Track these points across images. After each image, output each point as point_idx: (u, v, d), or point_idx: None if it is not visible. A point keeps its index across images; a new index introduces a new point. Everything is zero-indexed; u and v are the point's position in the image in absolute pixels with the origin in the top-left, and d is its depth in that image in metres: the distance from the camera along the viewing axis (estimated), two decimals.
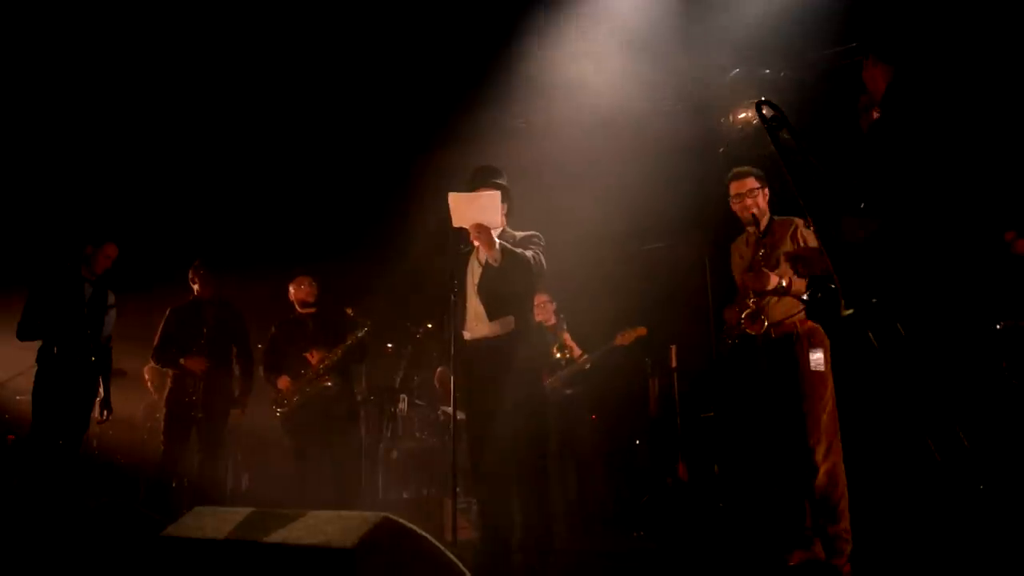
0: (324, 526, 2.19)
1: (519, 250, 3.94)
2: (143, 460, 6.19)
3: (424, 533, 2.28)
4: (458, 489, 5.40)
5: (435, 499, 6.10)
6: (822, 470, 3.91)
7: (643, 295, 7.15)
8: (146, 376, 6.99)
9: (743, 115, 6.64)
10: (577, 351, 6.49)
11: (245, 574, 2.16)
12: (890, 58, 2.73)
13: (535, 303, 6.65)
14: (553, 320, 6.67)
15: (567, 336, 6.57)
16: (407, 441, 6.66)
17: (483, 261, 4.04)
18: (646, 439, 6.73)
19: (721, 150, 6.77)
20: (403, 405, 6.52)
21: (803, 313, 4.03)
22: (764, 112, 2.88)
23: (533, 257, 3.93)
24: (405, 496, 6.44)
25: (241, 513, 2.41)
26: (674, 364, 6.46)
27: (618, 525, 5.82)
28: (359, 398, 6.52)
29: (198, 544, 2.28)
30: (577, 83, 7.07)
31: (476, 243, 3.87)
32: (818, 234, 2.62)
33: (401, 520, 2.24)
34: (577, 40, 6.96)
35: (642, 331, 6.35)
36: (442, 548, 2.32)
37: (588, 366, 6.43)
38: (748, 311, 4.06)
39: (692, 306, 6.67)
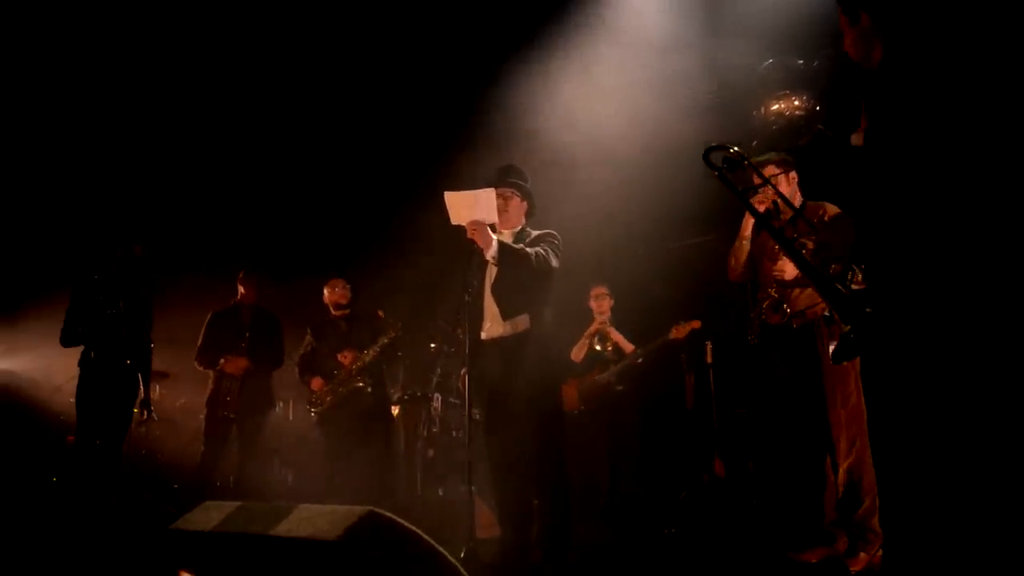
0: (314, 519, 2.27)
1: (519, 247, 3.97)
2: (186, 459, 6.42)
3: (413, 527, 2.35)
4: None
5: (471, 497, 6.16)
6: (844, 465, 3.85)
7: (679, 291, 7.12)
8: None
9: (775, 107, 6.55)
10: (629, 347, 6.50)
11: (237, 564, 2.26)
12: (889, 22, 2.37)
13: (591, 293, 6.75)
14: (607, 312, 6.69)
15: (613, 330, 6.57)
16: (444, 440, 6.74)
17: None
18: (682, 435, 6.69)
19: (755, 143, 6.68)
20: (437, 404, 6.61)
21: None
22: (712, 159, 2.91)
23: (536, 254, 3.94)
24: (441, 494, 6.52)
25: (241, 507, 2.52)
26: (710, 360, 6.41)
27: (650, 522, 5.80)
28: (395, 397, 6.65)
29: (198, 536, 2.39)
30: (608, 79, 7.08)
31: (472, 240, 3.91)
32: (792, 257, 2.58)
33: (388, 514, 2.31)
34: (607, 35, 6.97)
35: (696, 324, 6.34)
36: (431, 542, 2.38)
37: (640, 360, 6.43)
38: (769, 301, 4.02)
39: (728, 302, 6.61)
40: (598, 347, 6.54)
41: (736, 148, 3.19)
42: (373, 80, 7.22)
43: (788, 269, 3.99)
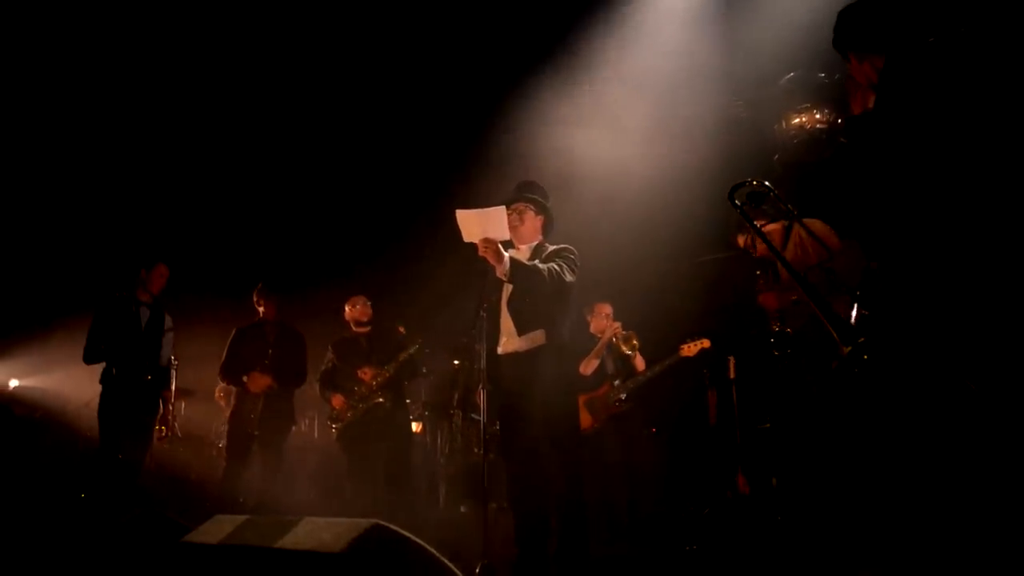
0: (320, 532, 2.28)
1: (532, 264, 3.97)
2: (210, 476, 6.49)
3: (417, 539, 2.35)
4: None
5: (495, 514, 6.15)
6: None
7: (702, 306, 7.08)
8: (219, 394, 7.35)
9: (797, 120, 6.49)
10: (641, 363, 6.43)
11: None
12: (882, 46, 2.54)
13: (595, 308, 6.71)
14: (609, 327, 6.58)
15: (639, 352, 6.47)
16: (465, 456, 6.75)
17: None
18: (705, 451, 6.62)
19: (776, 157, 6.62)
20: (458, 420, 6.62)
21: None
22: (735, 197, 2.96)
23: (549, 270, 3.93)
24: (463, 510, 6.51)
25: (251, 520, 2.54)
26: (732, 375, 6.35)
27: (672, 538, 5.75)
28: (416, 413, 6.67)
29: (208, 549, 2.42)
30: (629, 95, 7.09)
31: (484, 258, 3.91)
32: (800, 285, 2.63)
33: (394, 527, 2.31)
34: (627, 51, 6.99)
35: (706, 343, 6.27)
36: (438, 556, 2.38)
37: (649, 378, 6.35)
38: (774, 337, 4.04)
39: (751, 317, 6.56)
40: (627, 351, 6.40)
41: (757, 181, 3.22)
42: (391, 97, 7.30)
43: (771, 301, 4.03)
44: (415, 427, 6.94)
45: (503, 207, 3.99)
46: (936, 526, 2.18)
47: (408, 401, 6.39)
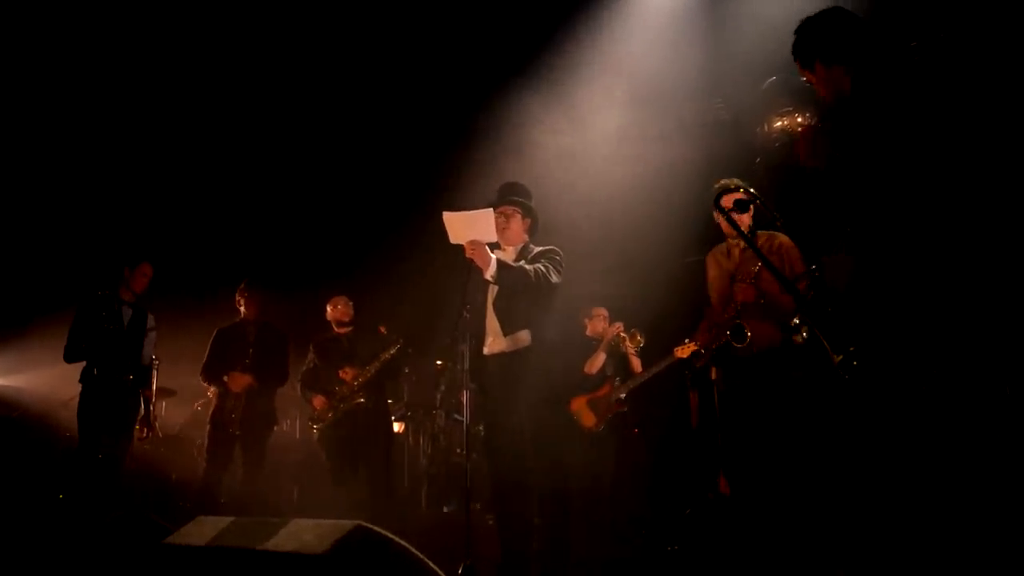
0: (303, 534, 2.28)
1: (518, 265, 3.99)
2: (191, 477, 6.43)
3: (402, 542, 2.35)
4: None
5: (477, 514, 6.15)
6: None
7: (683, 308, 7.10)
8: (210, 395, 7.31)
9: (778, 124, 6.53)
10: (637, 365, 6.47)
11: None
12: (849, 57, 2.61)
13: (593, 311, 6.74)
14: (603, 329, 6.63)
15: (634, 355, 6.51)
16: (448, 456, 6.74)
17: None
18: (687, 452, 6.65)
19: (757, 160, 6.66)
20: (440, 421, 6.62)
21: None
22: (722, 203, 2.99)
23: (535, 270, 3.96)
24: (445, 511, 6.51)
25: (235, 522, 2.53)
26: (714, 376, 6.39)
27: (654, 538, 5.78)
28: (398, 413, 6.66)
29: (189, 551, 2.41)
30: (615, 99, 7.12)
31: (471, 259, 3.92)
32: (789, 291, 2.65)
33: (377, 528, 2.32)
34: (613, 53, 7.02)
35: (695, 346, 6.32)
36: (421, 556, 2.38)
37: (647, 375, 6.39)
38: (732, 327, 4.08)
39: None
40: (633, 348, 6.45)
41: (744, 188, 3.26)
42: (376, 95, 7.29)
43: (748, 295, 4.07)
44: (397, 427, 6.93)
45: (491, 210, 4.02)
46: (924, 528, 2.21)
47: (390, 401, 6.37)
